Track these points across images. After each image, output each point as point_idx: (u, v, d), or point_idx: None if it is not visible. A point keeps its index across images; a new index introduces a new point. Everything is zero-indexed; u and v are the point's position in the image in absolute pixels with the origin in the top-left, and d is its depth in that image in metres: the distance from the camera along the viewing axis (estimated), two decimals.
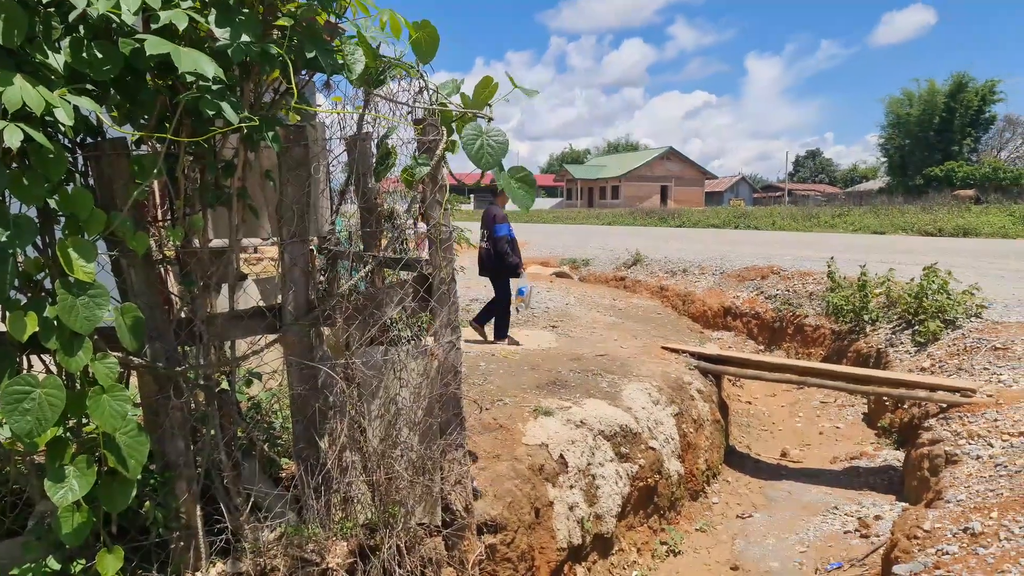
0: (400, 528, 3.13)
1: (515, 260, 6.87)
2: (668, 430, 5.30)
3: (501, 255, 6.83)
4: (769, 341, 10.46)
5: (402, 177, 3.37)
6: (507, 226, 6.90)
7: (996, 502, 3.80)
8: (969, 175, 45.10)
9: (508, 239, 6.84)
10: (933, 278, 8.06)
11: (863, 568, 4.30)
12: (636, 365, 6.16)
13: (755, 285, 11.79)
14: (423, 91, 3.19)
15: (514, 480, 3.84)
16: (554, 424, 4.44)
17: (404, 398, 3.24)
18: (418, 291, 3.29)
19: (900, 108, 52.31)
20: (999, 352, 6.43)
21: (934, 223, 23.11)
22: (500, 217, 6.93)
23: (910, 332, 7.85)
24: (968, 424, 5.12)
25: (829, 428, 7.41)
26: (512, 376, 5.39)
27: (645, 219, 37.13)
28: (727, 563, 4.63)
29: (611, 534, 4.36)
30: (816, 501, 5.53)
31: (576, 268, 15.96)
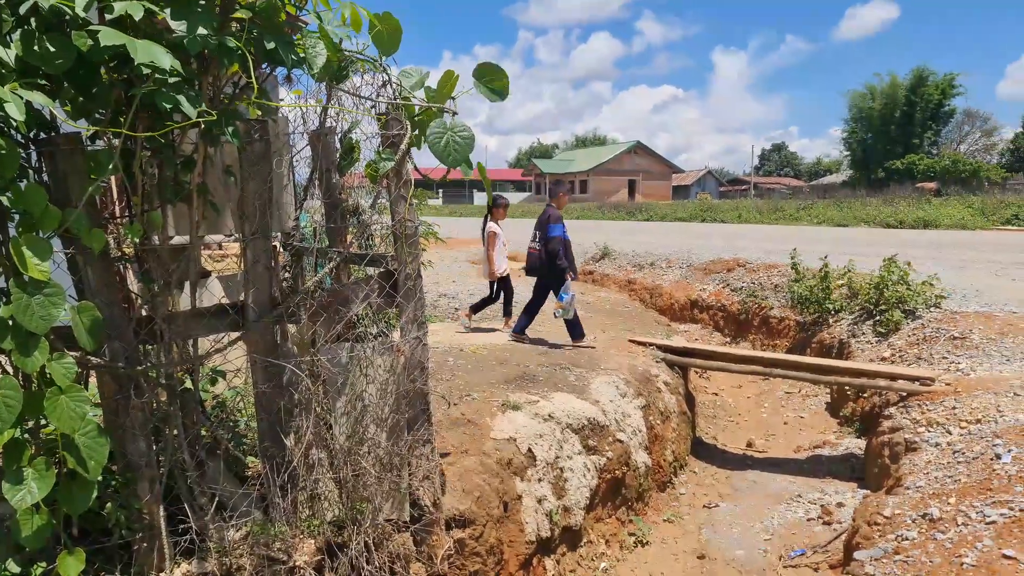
0: (368, 524, 3.12)
1: (564, 263, 6.65)
2: (635, 422, 5.36)
3: (552, 255, 6.64)
4: (735, 333, 10.62)
5: (366, 172, 3.36)
6: (561, 227, 6.71)
7: (954, 488, 3.92)
8: (929, 168, 46.17)
9: (561, 240, 6.65)
10: (893, 269, 8.26)
11: (826, 554, 4.40)
12: (604, 358, 6.21)
13: (721, 278, 11.95)
14: (386, 85, 3.17)
15: (482, 475, 3.84)
16: (522, 418, 4.45)
17: (371, 394, 3.22)
18: (384, 287, 3.27)
19: (862, 102, 53.36)
20: (957, 341, 6.62)
21: (895, 215, 23.64)
22: (555, 217, 6.75)
23: (871, 323, 8.03)
24: (927, 412, 5.26)
25: (793, 418, 7.56)
26: (480, 371, 5.39)
27: (613, 213, 37.36)
28: (694, 553, 4.70)
29: (579, 526, 4.40)
30: (781, 490, 5.64)
31: None
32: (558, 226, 6.67)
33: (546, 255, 6.69)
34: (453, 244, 19.01)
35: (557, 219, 6.73)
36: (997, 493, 3.56)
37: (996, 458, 3.98)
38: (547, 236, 6.68)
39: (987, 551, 3.05)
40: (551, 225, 6.68)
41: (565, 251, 6.66)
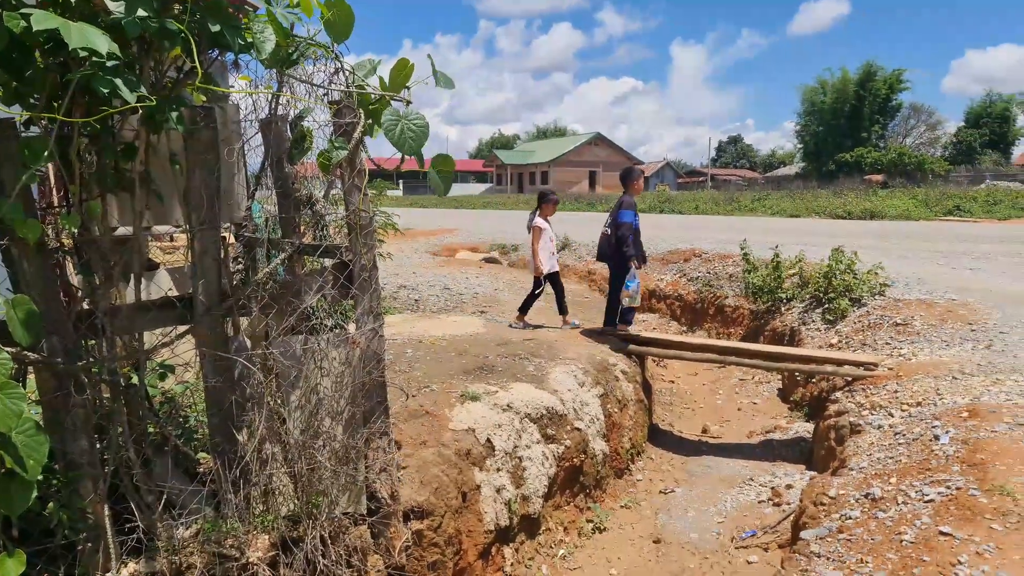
0: (324, 518, 3.09)
1: (631, 251, 6.54)
2: (593, 411, 5.41)
3: (620, 241, 6.58)
4: (692, 322, 10.79)
5: (319, 161, 3.30)
6: (631, 213, 6.60)
7: (895, 468, 4.06)
8: (877, 160, 47.56)
9: (631, 227, 6.57)
10: (841, 259, 8.50)
11: (775, 535, 4.52)
12: (563, 348, 6.25)
13: (678, 268, 12.13)
14: (338, 72, 3.12)
15: (441, 466, 3.84)
16: (481, 409, 4.46)
17: (326, 387, 3.19)
18: (338, 278, 3.23)
19: (815, 96, 54.61)
20: (900, 328, 6.85)
21: (844, 207, 24.32)
22: (627, 204, 6.67)
23: (820, 310, 8.25)
24: (871, 396, 5.44)
25: (747, 404, 7.73)
26: (439, 362, 5.38)
27: (574, 204, 37.54)
28: (650, 537, 4.78)
29: (538, 514, 4.43)
30: (734, 474, 5.77)
31: (505, 253, 16.00)
32: (628, 212, 6.59)
33: (615, 241, 6.67)
34: (414, 235, 18.89)
35: (629, 206, 6.66)
36: (935, 473, 3.70)
37: (935, 439, 4.13)
38: (617, 222, 6.65)
39: (925, 528, 3.17)
40: (621, 211, 6.62)
41: (635, 239, 6.60)
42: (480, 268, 12.36)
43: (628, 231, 6.54)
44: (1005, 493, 3.31)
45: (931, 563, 2.90)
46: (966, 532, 3.08)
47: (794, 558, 3.44)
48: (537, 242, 7.32)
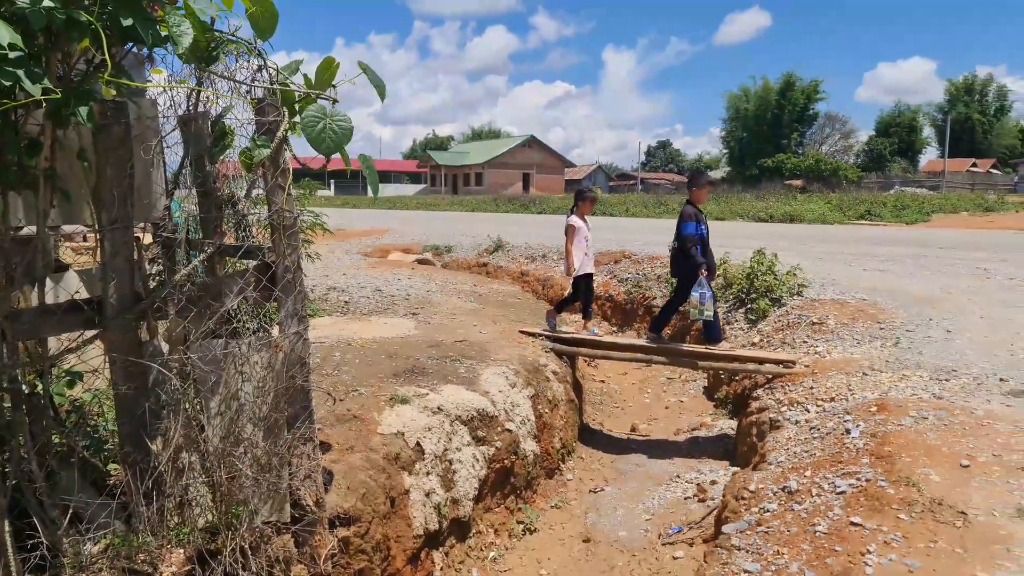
0: (244, 529, 2.99)
1: (697, 260, 6.31)
2: (524, 412, 5.44)
3: (683, 253, 6.41)
4: (622, 322, 11.00)
5: (241, 160, 3.20)
6: (693, 224, 6.36)
7: (810, 462, 4.24)
8: (796, 166, 49.79)
9: (694, 237, 6.34)
10: (762, 260, 8.84)
11: (700, 530, 4.66)
12: (494, 350, 6.26)
13: (609, 269, 12.34)
14: (262, 69, 3.03)
15: (369, 471, 3.78)
16: (411, 412, 4.42)
17: (247, 393, 3.09)
18: (260, 280, 3.13)
19: (739, 103, 56.69)
20: (816, 326, 7.17)
21: (766, 210, 25.32)
22: (686, 215, 6.42)
23: (743, 310, 8.56)
24: (789, 393, 5.67)
25: (674, 402, 7.93)
26: (368, 365, 5.30)
27: (508, 206, 37.69)
28: (580, 536, 4.84)
29: (468, 517, 4.42)
30: (661, 471, 5.91)
31: (439, 255, 15.92)
32: (689, 224, 6.36)
33: (679, 253, 6.52)
34: (345, 236, 18.56)
35: (689, 216, 6.41)
36: (847, 465, 3.89)
37: (846, 433, 4.35)
38: (680, 235, 6.46)
39: (837, 519, 3.33)
40: (683, 224, 6.43)
41: (702, 249, 6.39)
42: (413, 269, 12.25)
43: (692, 242, 6.34)
44: (911, 484, 3.51)
45: (842, 553, 3.04)
46: (875, 522, 3.25)
47: (716, 552, 3.55)
48: (571, 241, 7.11)
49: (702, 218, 6.51)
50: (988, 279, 9.33)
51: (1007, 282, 9.07)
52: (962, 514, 3.19)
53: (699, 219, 6.43)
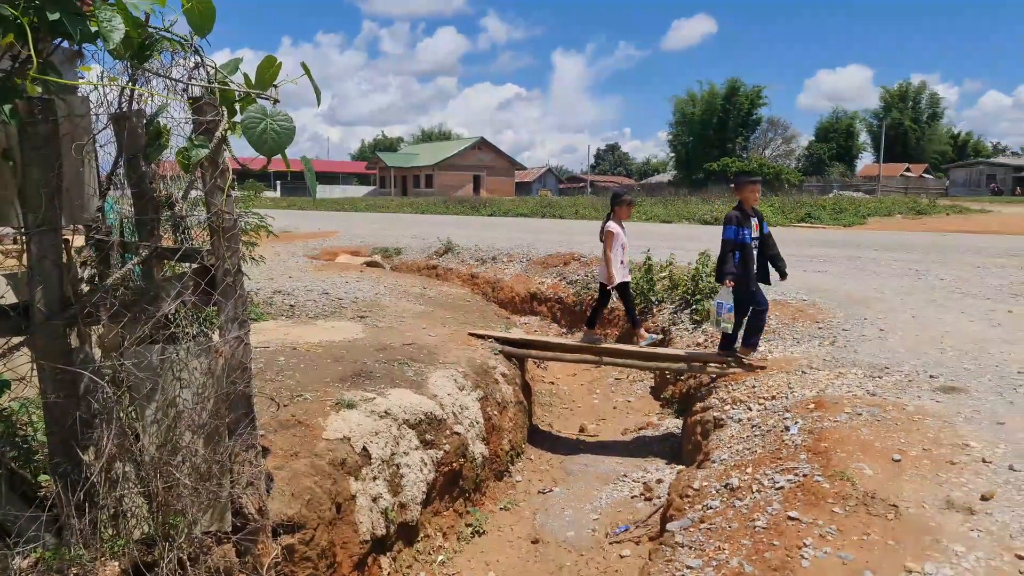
0: (183, 539, 2.91)
1: (728, 268, 5.80)
2: (473, 414, 5.44)
3: (719, 260, 5.97)
4: (571, 324, 11.08)
5: (178, 160, 3.11)
6: (732, 229, 5.84)
7: (751, 459, 4.36)
8: (740, 170, 51.10)
9: (731, 243, 5.82)
10: (707, 262, 9.04)
11: (646, 528, 4.73)
12: (443, 352, 6.24)
13: (558, 271, 12.43)
14: (199, 67, 2.96)
15: (314, 477, 3.72)
16: (357, 416, 4.36)
17: (185, 400, 3.00)
18: (199, 284, 3.05)
19: (686, 108, 57.88)
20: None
21: (712, 213, 25.88)
22: (729, 218, 5.93)
23: (689, 311, 8.74)
24: (732, 392, 5.81)
25: (622, 402, 8.03)
26: (314, 370, 5.21)
27: (458, 208, 37.61)
28: (528, 538, 4.86)
29: (416, 521, 4.39)
30: (609, 471, 5.98)
31: (388, 257, 15.77)
32: (729, 228, 5.86)
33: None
34: (291, 238, 18.22)
35: (729, 220, 5.91)
36: (785, 461, 4.01)
37: (786, 430, 4.48)
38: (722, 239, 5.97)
39: (776, 514, 3.43)
40: (724, 227, 5.93)
41: (741, 256, 5.82)
42: (361, 272, 12.10)
43: (727, 248, 5.84)
44: (845, 478, 3.63)
45: (780, 547, 3.13)
46: (811, 516, 3.36)
47: (661, 549, 3.61)
48: (610, 248, 6.77)
49: (748, 221, 5.87)
50: (919, 280, 9.75)
51: (937, 283, 9.50)
52: (894, 507, 3.32)
53: (741, 222, 5.84)
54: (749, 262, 5.87)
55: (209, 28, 2.82)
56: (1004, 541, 2.99)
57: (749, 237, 5.85)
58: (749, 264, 5.86)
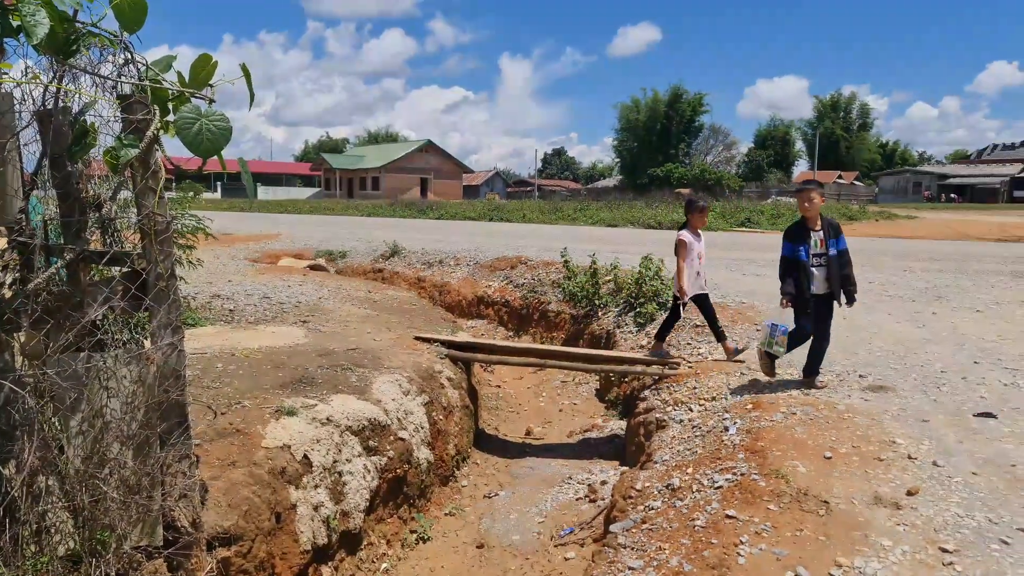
0: (111, 555, 2.80)
1: (784, 287, 5.23)
2: (418, 419, 5.39)
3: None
4: (518, 327, 11.12)
5: (106, 160, 2.99)
6: (788, 246, 5.25)
7: (692, 459, 4.45)
8: (683, 176, 52.34)
9: (784, 260, 5.27)
10: (650, 266, 9.20)
11: (591, 530, 4.77)
12: (388, 357, 6.17)
13: (505, 275, 12.45)
14: (129, 64, 2.86)
15: (252, 486, 3.62)
16: (298, 424, 4.27)
17: (114, 409, 2.89)
18: (129, 289, 2.94)
19: (630, 114, 58.86)
20: (699, 329, 7.52)
21: (655, 217, 26.41)
22: (785, 233, 5.37)
23: (633, 314, 8.86)
24: (674, 393, 5.92)
25: (568, 405, 8.10)
26: (253, 377, 5.08)
27: (405, 211, 37.31)
28: (473, 543, 4.84)
29: (359, 529, 4.33)
30: (554, 473, 6.01)
31: (332, 260, 15.52)
32: (786, 244, 5.29)
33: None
34: (231, 241, 17.74)
35: (785, 235, 5.34)
36: (724, 461, 4.11)
37: (725, 430, 4.59)
38: None
39: (714, 513, 3.51)
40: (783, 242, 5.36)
41: (797, 275, 5.17)
42: (305, 276, 11.87)
43: (781, 266, 5.30)
44: (780, 476, 3.74)
45: (718, 545, 3.20)
46: (748, 514, 3.44)
47: (604, 551, 3.65)
48: (683, 259, 6.21)
49: (807, 237, 5.18)
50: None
51: (866, 285, 9.86)
52: (825, 503, 3.44)
53: (797, 237, 5.21)
54: (804, 282, 5.15)
55: (140, 24, 2.73)
56: (929, 535, 3.13)
57: (805, 254, 5.16)
58: (802, 285, 5.16)
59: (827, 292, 5.20)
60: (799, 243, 5.20)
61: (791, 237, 5.26)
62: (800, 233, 5.24)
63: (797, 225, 5.32)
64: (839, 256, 5.19)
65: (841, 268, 5.19)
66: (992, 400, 4.88)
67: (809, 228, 5.24)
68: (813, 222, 5.24)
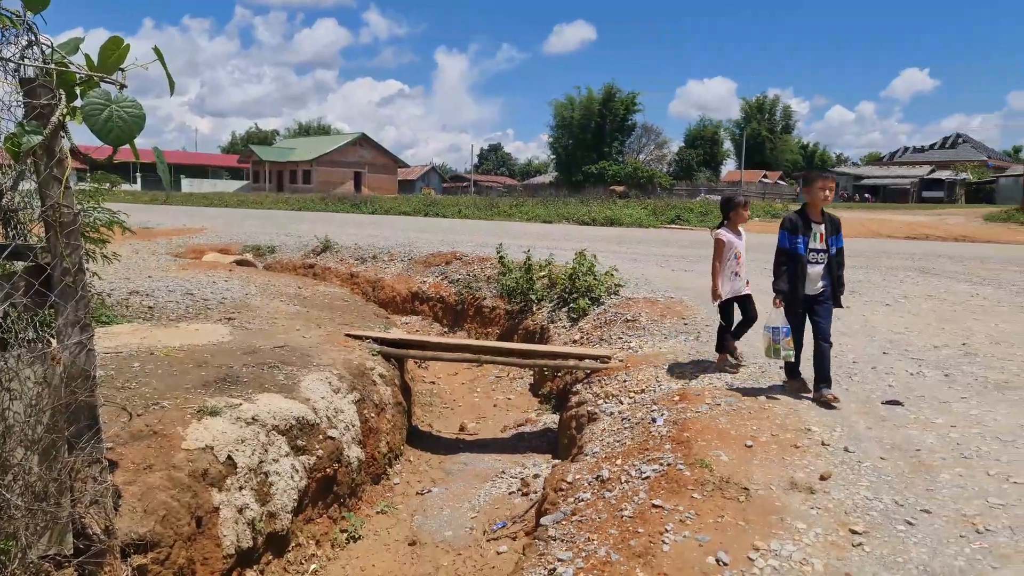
0: (16, 565, 2.64)
1: (778, 284, 4.85)
2: (349, 417, 5.30)
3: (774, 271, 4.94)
4: (453, 323, 11.09)
5: (6, 147, 2.81)
6: (785, 235, 4.85)
7: (621, 451, 4.53)
8: (617, 173, 53.22)
9: (783, 251, 4.86)
10: (583, 262, 9.33)
11: (523, 523, 4.80)
12: (318, 355, 6.04)
13: (440, 270, 12.39)
14: (32, 46, 2.69)
15: (171, 490, 3.48)
16: (222, 424, 4.13)
17: (16, 412, 2.73)
18: (32, 284, 2.77)
19: (565, 111, 59.42)
20: (630, 323, 7.68)
21: (589, 214, 26.80)
22: (783, 222, 4.95)
23: (566, 309, 8.97)
24: (605, 386, 6.01)
25: (502, 400, 8.12)
26: (173, 376, 4.88)
27: (338, 205, 36.64)
28: (406, 540, 4.80)
29: (287, 531, 4.22)
30: (488, 468, 6.02)
31: (261, 255, 15.09)
32: (782, 234, 4.87)
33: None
34: (152, 235, 17.04)
35: (783, 224, 4.93)
36: (652, 452, 4.20)
37: (653, 422, 4.69)
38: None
39: (641, 503, 3.58)
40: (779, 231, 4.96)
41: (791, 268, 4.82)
42: (231, 271, 11.49)
43: (778, 258, 4.89)
44: (704, 466, 3.85)
45: (644, 534, 3.27)
46: (673, 503, 3.53)
47: (534, 544, 3.68)
48: (717, 258, 5.65)
49: (808, 228, 4.82)
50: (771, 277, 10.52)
51: None
52: (745, 490, 3.56)
53: (797, 229, 4.82)
54: (799, 278, 4.79)
55: (44, 4, 2.60)
56: (840, 517, 3.29)
57: (803, 247, 4.78)
58: (798, 281, 4.79)
59: (822, 291, 4.86)
60: (798, 235, 4.80)
61: (790, 227, 4.83)
62: (799, 225, 4.83)
63: (798, 215, 4.90)
64: (838, 255, 4.92)
65: (839, 267, 4.93)
66: (899, 389, 5.16)
67: (811, 220, 4.86)
68: (816, 214, 4.87)
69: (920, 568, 2.86)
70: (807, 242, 4.80)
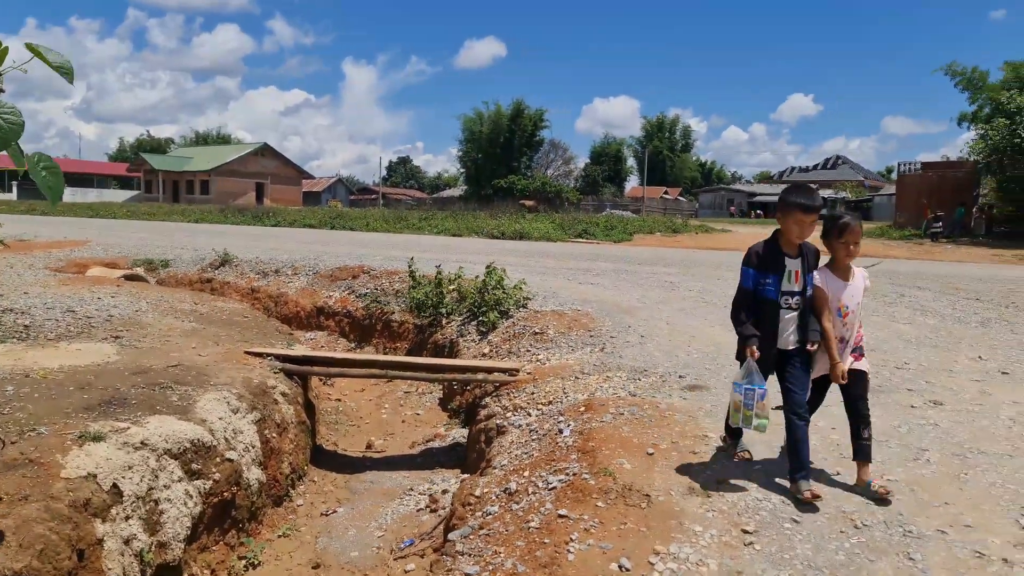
0: None
1: (743, 330, 3.70)
2: (248, 438, 5.09)
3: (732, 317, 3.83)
4: (360, 338, 10.88)
5: None
6: (749, 273, 3.70)
7: (529, 462, 4.57)
8: (525, 188, 54.02)
9: (743, 294, 3.73)
10: (492, 275, 9.39)
11: (431, 540, 4.75)
12: (215, 373, 5.77)
13: (347, 284, 12.14)
14: None
15: (49, 522, 3.23)
16: (106, 450, 3.87)
17: None
18: None
19: (474, 126, 59.85)
20: (537, 336, 7.79)
21: (499, 227, 27.03)
22: (747, 256, 3.76)
23: (476, 323, 8.99)
24: (513, 399, 6.06)
25: (411, 416, 8.03)
26: (52, 400, 4.54)
27: (238, 217, 35.25)
28: (309, 563, 4.65)
29: (179, 561, 3.99)
30: (395, 486, 5.93)
31: (153, 270, 14.29)
32: (745, 272, 3.73)
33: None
34: (29, 248, 15.85)
35: (747, 259, 3.75)
36: (558, 462, 4.27)
37: (559, 432, 4.78)
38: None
39: (548, 514, 3.63)
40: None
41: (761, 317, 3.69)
42: (119, 286, 10.80)
43: (737, 301, 3.77)
44: (608, 474, 3.95)
45: (550, 544, 3.32)
46: (578, 512, 3.60)
47: (442, 559, 3.65)
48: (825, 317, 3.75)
49: (780, 264, 3.66)
50: (673, 291, 10.97)
51: (687, 293, 10.75)
52: (647, 496, 3.68)
53: (766, 265, 3.68)
54: (767, 325, 3.68)
55: None
56: (733, 518, 3.45)
57: (774, 290, 3.66)
58: (766, 329, 3.68)
59: (796, 346, 3.74)
60: (767, 273, 3.68)
61: (756, 263, 3.70)
62: (770, 259, 3.70)
63: (769, 248, 3.73)
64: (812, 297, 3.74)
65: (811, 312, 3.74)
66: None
67: (785, 254, 3.69)
68: (792, 247, 3.70)
69: (805, 563, 3.05)
70: (776, 282, 3.68)
